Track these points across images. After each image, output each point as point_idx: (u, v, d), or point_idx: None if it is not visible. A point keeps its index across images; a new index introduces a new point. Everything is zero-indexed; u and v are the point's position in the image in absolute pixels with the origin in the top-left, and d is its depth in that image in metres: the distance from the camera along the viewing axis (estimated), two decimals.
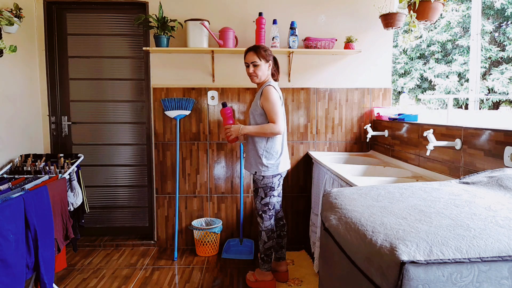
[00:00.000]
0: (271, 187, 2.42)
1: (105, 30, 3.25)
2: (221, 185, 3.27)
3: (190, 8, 3.08)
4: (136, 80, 3.30)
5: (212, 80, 3.17)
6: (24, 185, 2.14)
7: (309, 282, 2.62)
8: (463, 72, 9.49)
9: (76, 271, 2.82)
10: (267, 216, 2.46)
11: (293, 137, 3.24)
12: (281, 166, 2.41)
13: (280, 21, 3.05)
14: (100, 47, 3.26)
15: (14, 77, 2.84)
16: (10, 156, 2.78)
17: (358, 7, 3.14)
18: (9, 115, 2.78)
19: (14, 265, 1.78)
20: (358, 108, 3.24)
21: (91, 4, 3.18)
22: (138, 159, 3.39)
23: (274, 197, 2.45)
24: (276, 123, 2.27)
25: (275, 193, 2.45)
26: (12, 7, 2.69)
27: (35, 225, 1.95)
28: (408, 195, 1.12)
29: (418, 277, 0.72)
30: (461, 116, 3.57)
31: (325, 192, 1.25)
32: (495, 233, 0.80)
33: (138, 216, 3.43)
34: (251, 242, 3.23)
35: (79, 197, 2.69)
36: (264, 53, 2.37)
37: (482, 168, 1.73)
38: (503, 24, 9.40)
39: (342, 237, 0.99)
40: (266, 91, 2.31)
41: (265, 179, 2.40)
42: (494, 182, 1.16)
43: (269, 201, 2.44)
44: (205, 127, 3.21)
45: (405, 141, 2.55)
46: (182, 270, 2.86)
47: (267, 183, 2.41)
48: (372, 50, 3.18)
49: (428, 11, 2.44)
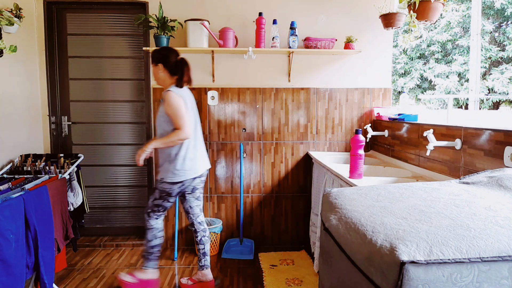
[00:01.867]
0: (168, 193, 2.35)
1: (105, 30, 3.25)
2: (221, 185, 3.27)
3: (190, 8, 3.08)
4: (136, 80, 3.30)
5: (212, 80, 3.17)
6: (24, 185, 2.14)
7: (309, 282, 2.62)
8: (463, 72, 9.48)
9: (76, 271, 2.82)
10: (155, 216, 2.42)
11: (293, 137, 3.24)
12: (188, 173, 2.33)
13: (280, 21, 3.05)
14: (100, 47, 3.26)
15: (14, 77, 2.84)
16: (10, 156, 2.78)
17: (358, 7, 3.14)
18: (9, 115, 2.78)
19: (14, 265, 1.78)
20: (358, 108, 3.24)
21: (91, 4, 3.18)
22: None
23: (168, 203, 2.40)
24: (181, 129, 2.20)
25: (171, 200, 2.39)
26: (12, 7, 2.69)
27: (35, 225, 1.95)
28: (408, 195, 1.12)
29: (418, 277, 0.72)
30: (461, 116, 3.57)
31: (325, 192, 1.25)
32: (495, 233, 0.80)
33: (138, 216, 3.43)
34: (251, 242, 3.23)
35: (79, 197, 2.69)
36: (153, 56, 2.35)
37: (482, 168, 1.73)
38: (503, 24, 9.39)
39: (342, 237, 0.99)
40: (166, 98, 2.24)
41: (164, 184, 2.33)
42: (494, 182, 1.16)
43: (162, 204, 2.39)
44: (205, 127, 3.21)
45: (405, 141, 2.55)
46: (182, 270, 2.86)
47: (165, 188, 2.34)
48: (372, 50, 3.18)
49: (428, 11, 2.44)
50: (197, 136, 2.43)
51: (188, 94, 2.42)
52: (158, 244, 2.45)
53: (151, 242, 2.43)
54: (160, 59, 2.33)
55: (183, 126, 2.21)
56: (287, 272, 2.78)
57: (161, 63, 2.33)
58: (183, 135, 2.21)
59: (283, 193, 3.28)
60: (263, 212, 3.30)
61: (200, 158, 2.43)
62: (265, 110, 3.20)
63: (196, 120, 2.44)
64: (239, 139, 3.22)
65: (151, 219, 2.43)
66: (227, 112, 3.20)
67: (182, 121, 2.21)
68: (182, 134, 2.21)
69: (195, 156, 2.37)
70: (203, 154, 2.48)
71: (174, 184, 2.33)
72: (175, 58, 2.35)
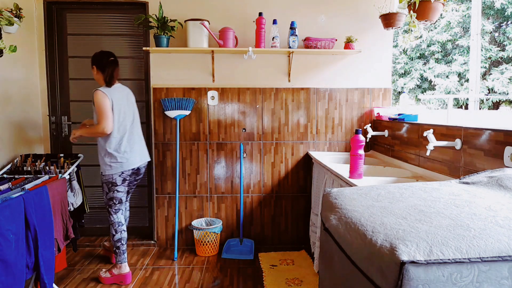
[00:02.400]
0: (113, 183, 2.57)
1: (105, 30, 3.25)
2: (221, 185, 3.27)
3: (190, 8, 3.08)
4: (136, 80, 3.30)
5: (212, 80, 3.17)
6: (24, 185, 2.14)
7: (309, 282, 2.62)
8: (463, 72, 9.49)
9: (76, 271, 2.82)
10: (113, 210, 2.62)
11: (293, 137, 3.24)
12: (125, 164, 2.55)
13: (280, 21, 3.05)
14: (100, 47, 3.25)
15: (14, 77, 2.84)
16: (10, 156, 2.78)
17: (358, 7, 3.14)
18: (9, 115, 2.78)
19: (14, 265, 1.78)
20: (358, 108, 3.24)
21: (91, 4, 3.18)
22: None
23: (119, 193, 2.60)
24: (99, 124, 2.44)
25: (119, 189, 2.59)
26: (12, 7, 2.69)
27: (35, 225, 1.95)
28: (408, 195, 1.12)
29: (418, 277, 0.72)
30: (461, 116, 3.57)
31: (325, 192, 1.25)
32: (495, 233, 0.80)
33: (138, 216, 3.43)
34: (251, 242, 3.23)
35: (79, 197, 2.70)
36: (91, 59, 2.57)
37: (482, 168, 1.73)
38: (503, 24, 9.40)
39: (342, 237, 0.99)
40: (94, 96, 2.49)
41: (107, 176, 2.55)
42: (494, 182, 1.16)
43: (113, 196, 2.59)
44: (205, 127, 3.21)
45: (405, 141, 2.55)
46: (182, 270, 2.86)
47: (108, 179, 2.56)
48: (372, 50, 3.18)
49: (428, 11, 2.44)
50: (133, 131, 2.64)
51: (121, 92, 2.61)
52: (122, 237, 2.62)
53: (115, 236, 2.61)
54: (93, 61, 2.56)
55: (101, 121, 2.44)
56: (287, 272, 2.78)
57: (95, 65, 2.55)
58: (100, 129, 2.44)
59: (283, 193, 3.28)
60: (263, 212, 3.30)
61: (137, 152, 2.64)
62: (265, 110, 3.20)
63: (128, 116, 2.61)
64: (239, 139, 3.22)
65: (111, 214, 2.63)
66: (227, 112, 3.20)
67: (101, 117, 2.45)
68: (100, 128, 2.44)
69: (131, 150, 2.59)
70: (140, 149, 2.70)
71: (115, 175, 2.55)
72: (106, 60, 2.54)
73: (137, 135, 2.67)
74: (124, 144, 2.55)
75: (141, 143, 2.72)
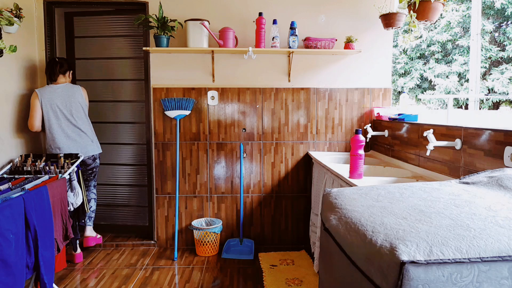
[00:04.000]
0: None
1: (105, 31, 3.25)
2: (221, 185, 3.27)
3: (190, 8, 3.08)
4: (136, 80, 3.30)
5: (212, 80, 3.17)
6: (24, 185, 2.14)
7: (309, 282, 2.62)
8: (463, 72, 9.49)
9: (76, 271, 2.82)
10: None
11: (293, 137, 3.24)
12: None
13: (280, 21, 3.04)
14: (100, 48, 3.26)
15: (14, 77, 2.84)
16: (10, 156, 2.78)
17: (358, 7, 3.14)
18: (9, 115, 2.78)
19: (14, 265, 1.78)
20: (358, 108, 3.24)
21: (91, 4, 3.18)
22: (138, 158, 3.39)
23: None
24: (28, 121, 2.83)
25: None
26: (12, 7, 2.69)
27: (35, 225, 1.95)
28: (408, 195, 1.12)
29: (418, 277, 0.73)
30: (461, 116, 3.57)
31: (325, 192, 1.25)
32: (495, 233, 0.80)
33: (139, 215, 3.43)
34: (251, 242, 3.23)
35: (79, 197, 2.69)
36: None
37: (482, 168, 1.73)
38: (503, 24, 9.40)
39: (342, 237, 0.99)
40: None
41: None
42: (494, 182, 1.16)
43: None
44: (205, 127, 3.21)
45: (405, 141, 2.55)
46: (182, 270, 2.86)
47: None
48: (372, 50, 3.18)
49: (428, 11, 2.44)
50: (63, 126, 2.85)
51: (56, 91, 2.83)
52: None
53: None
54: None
55: (29, 119, 2.81)
56: (287, 272, 2.78)
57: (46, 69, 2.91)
58: (29, 125, 2.82)
59: (283, 193, 3.28)
60: (263, 212, 3.30)
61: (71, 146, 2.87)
62: (265, 110, 3.20)
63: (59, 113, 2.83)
64: (239, 139, 3.22)
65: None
66: (227, 112, 3.20)
67: (30, 115, 2.81)
68: (28, 124, 2.82)
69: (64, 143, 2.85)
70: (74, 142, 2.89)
71: None
72: (49, 63, 2.88)
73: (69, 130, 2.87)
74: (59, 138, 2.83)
75: (73, 137, 2.88)
